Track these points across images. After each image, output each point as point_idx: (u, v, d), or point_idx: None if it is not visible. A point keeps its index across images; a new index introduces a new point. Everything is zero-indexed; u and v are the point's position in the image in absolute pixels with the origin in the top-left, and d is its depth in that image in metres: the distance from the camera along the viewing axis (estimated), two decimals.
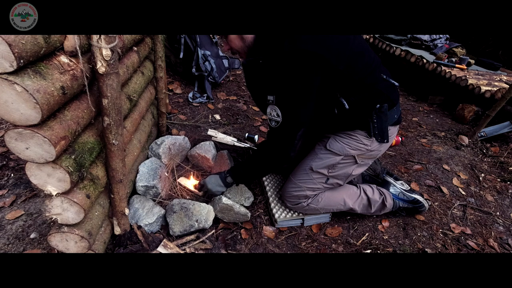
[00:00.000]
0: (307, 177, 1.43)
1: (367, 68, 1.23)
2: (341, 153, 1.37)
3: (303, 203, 1.46)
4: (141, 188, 1.43)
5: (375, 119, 1.30)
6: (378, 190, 1.57)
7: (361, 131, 1.34)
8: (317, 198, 1.46)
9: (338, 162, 1.39)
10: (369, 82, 1.23)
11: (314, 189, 1.44)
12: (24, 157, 0.81)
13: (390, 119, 1.34)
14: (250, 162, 1.43)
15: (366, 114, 1.30)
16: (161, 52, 1.68)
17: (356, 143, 1.36)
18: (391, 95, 1.30)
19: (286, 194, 1.49)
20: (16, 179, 1.55)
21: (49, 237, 1.00)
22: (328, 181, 1.43)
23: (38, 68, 0.75)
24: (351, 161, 1.40)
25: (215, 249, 1.34)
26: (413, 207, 1.63)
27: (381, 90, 1.26)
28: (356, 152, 1.37)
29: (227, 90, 2.80)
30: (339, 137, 1.38)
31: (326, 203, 1.48)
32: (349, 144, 1.36)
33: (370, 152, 1.39)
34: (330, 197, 1.48)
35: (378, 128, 1.32)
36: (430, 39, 3.43)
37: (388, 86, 1.29)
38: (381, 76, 1.28)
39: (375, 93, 1.26)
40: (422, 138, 2.54)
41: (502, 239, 1.64)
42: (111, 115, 0.96)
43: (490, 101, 2.60)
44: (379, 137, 1.34)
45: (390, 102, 1.30)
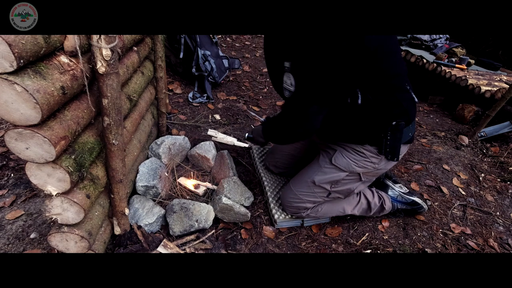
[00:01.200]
0: (308, 190, 1.39)
1: (395, 66, 1.11)
2: (346, 169, 1.31)
3: (302, 213, 1.46)
4: (141, 188, 1.43)
5: (389, 136, 1.20)
6: (377, 193, 1.57)
7: (370, 147, 1.25)
8: (316, 208, 1.46)
9: (342, 178, 1.33)
10: (393, 83, 1.12)
11: (315, 202, 1.43)
12: (24, 157, 0.81)
13: (404, 137, 1.23)
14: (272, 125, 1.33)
15: (380, 129, 1.20)
16: (161, 52, 1.68)
17: (364, 161, 1.28)
18: (410, 111, 1.20)
19: (286, 203, 1.47)
20: (16, 179, 1.55)
21: (49, 237, 1.00)
22: (330, 195, 1.40)
23: (38, 68, 0.75)
24: (355, 178, 1.34)
25: (215, 249, 1.34)
26: (411, 208, 1.64)
27: (401, 101, 1.15)
28: (362, 170, 1.30)
29: (227, 90, 2.80)
30: (346, 151, 1.30)
31: (325, 213, 1.48)
32: (356, 162, 1.29)
33: (376, 170, 1.32)
34: (330, 207, 1.48)
35: (390, 146, 1.22)
36: (430, 39, 3.43)
37: (409, 99, 1.19)
38: (405, 85, 1.17)
39: (393, 102, 1.14)
40: (422, 138, 2.54)
41: (502, 239, 1.64)
42: (111, 115, 0.96)
43: (490, 101, 2.60)
44: (389, 155, 1.25)
45: (407, 118, 1.19)
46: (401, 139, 1.22)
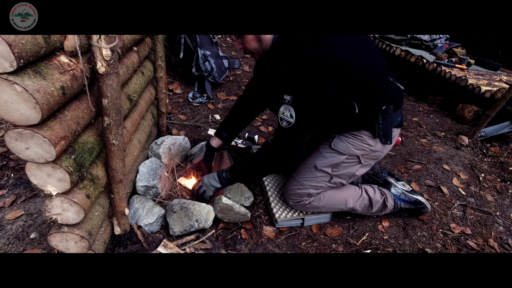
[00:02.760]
0: (311, 175, 1.43)
1: (378, 70, 1.25)
2: (345, 152, 1.38)
3: (305, 201, 1.46)
4: (141, 188, 1.43)
5: (380, 120, 1.31)
6: (379, 190, 1.57)
7: (366, 132, 1.36)
8: (319, 196, 1.46)
9: (342, 161, 1.40)
10: (379, 84, 1.25)
11: (317, 188, 1.44)
12: (24, 157, 0.81)
13: (394, 121, 1.36)
14: (252, 161, 1.40)
15: (372, 115, 1.31)
16: (161, 52, 1.68)
17: (361, 143, 1.37)
18: (397, 98, 1.32)
19: (289, 191, 1.49)
20: (16, 179, 1.55)
21: (49, 237, 1.00)
22: (332, 180, 1.44)
23: (38, 68, 0.75)
24: (355, 161, 1.41)
25: (215, 249, 1.34)
26: (415, 208, 1.63)
27: (388, 92, 1.28)
28: (360, 152, 1.38)
29: (227, 90, 2.80)
30: (344, 136, 1.39)
31: (328, 202, 1.48)
32: (354, 144, 1.37)
33: (374, 153, 1.40)
34: (332, 196, 1.48)
35: (383, 129, 1.33)
36: (430, 39, 3.43)
37: (394, 89, 1.31)
38: (388, 78, 1.30)
39: (382, 95, 1.28)
40: (422, 138, 2.54)
41: (502, 239, 1.64)
42: (111, 115, 0.96)
43: (490, 101, 2.60)
44: (383, 138, 1.36)
45: (395, 105, 1.32)
46: (392, 123, 1.34)
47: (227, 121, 1.64)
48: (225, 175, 1.39)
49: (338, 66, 1.09)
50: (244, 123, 1.67)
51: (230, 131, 1.63)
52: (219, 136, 1.63)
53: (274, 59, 1.24)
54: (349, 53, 1.10)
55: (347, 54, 1.09)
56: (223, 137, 1.62)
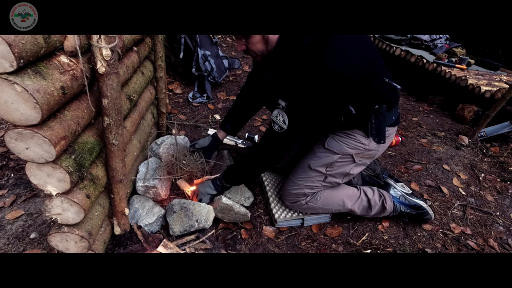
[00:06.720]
0: (305, 175, 1.44)
1: (374, 74, 1.24)
2: (339, 151, 1.39)
3: (302, 201, 1.46)
4: (141, 188, 1.43)
5: (373, 119, 1.31)
6: (378, 192, 1.56)
7: (359, 131, 1.36)
8: (315, 196, 1.46)
9: (336, 160, 1.40)
10: (374, 86, 1.25)
11: (312, 187, 1.44)
12: (24, 157, 0.81)
13: (388, 120, 1.35)
14: (242, 164, 1.42)
15: (365, 115, 1.31)
16: (161, 52, 1.68)
17: (354, 142, 1.37)
18: (391, 98, 1.32)
19: (285, 192, 1.49)
20: (16, 179, 1.55)
21: (49, 237, 1.00)
22: (326, 179, 1.44)
23: (38, 68, 0.75)
24: (349, 160, 1.41)
25: (215, 249, 1.34)
26: (416, 213, 1.58)
27: (382, 93, 1.28)
28: (354, 151, 1.38)
29: (227, 90, 2.80)
30: (338, 136, 1.39)
31: (325, 203, 1.48)
32: (347, 143, 1.37)
33: (368, 152, 1.40)
34: (329, 196, 1.48)
35: (376, 129, 1.33)
36: (430, 39, 3.43)
37: (389, 89, 1.30)
38: (383, 79, 1.29)
39: (376, 96, 1.28)
40: (422, 138, 2.54)
41: (502, 239, 1.64)
42: (111, 115, 0.96)
43: (490, 101, 2.60)
44: (376, 138, 1.35)
45: (389, 104, 1.32)
46: (385, 122, 1.33)
47: (230, 114, 1.68)
48: (219, 182, 1.45)
49: (336, 78, 1.09)
50: (247, 116, 1.71)
51: (234, 124, 1.68)
52: (224, 129, 1.68)
53: (274, 66, 1.23)
54: (348, 62, 1.10)
55: (346, 64, 1.09)
56: (227, 129, 1.68)
